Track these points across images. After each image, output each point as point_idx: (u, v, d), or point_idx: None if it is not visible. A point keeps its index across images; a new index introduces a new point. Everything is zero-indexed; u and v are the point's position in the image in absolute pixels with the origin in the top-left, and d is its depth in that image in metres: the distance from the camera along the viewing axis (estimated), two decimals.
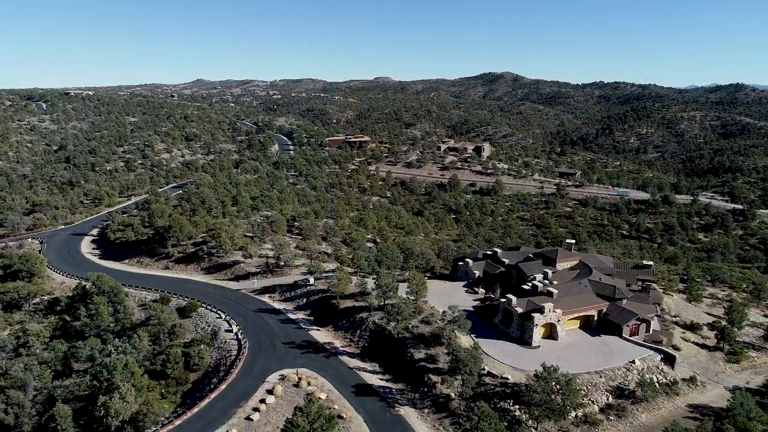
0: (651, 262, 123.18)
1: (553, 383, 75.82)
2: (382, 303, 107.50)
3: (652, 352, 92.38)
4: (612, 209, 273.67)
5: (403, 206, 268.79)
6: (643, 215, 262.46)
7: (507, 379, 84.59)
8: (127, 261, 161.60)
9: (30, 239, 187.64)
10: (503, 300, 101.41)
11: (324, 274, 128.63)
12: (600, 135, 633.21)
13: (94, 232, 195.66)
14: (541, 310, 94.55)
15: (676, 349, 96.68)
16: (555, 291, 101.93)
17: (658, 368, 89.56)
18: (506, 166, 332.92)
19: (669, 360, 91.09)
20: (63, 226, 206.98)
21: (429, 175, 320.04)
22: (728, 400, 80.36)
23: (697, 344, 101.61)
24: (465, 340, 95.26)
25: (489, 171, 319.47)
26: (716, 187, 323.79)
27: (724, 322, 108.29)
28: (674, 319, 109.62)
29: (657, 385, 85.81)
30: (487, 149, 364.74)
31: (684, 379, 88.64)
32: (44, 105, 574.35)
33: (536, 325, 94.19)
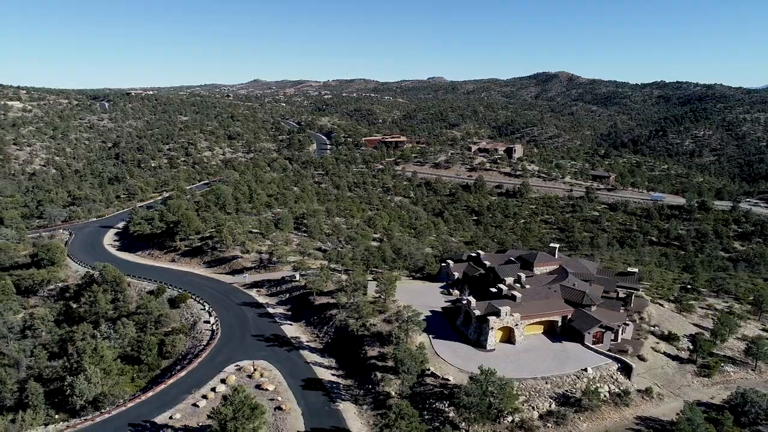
0: (636, 270, 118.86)
1: (490, 387, 75.57)
2: (351, 300, 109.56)
3: (610, 360, 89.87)
4: (643, 214, 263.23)
5: (425, 207, 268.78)
6: (676, 221, 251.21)
7: (448, 380, 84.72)
8: (139, 253, 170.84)
9: (62, 230, 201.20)
10: (464, 302, 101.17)
11: (309, 271, 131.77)
12: (653, 137, 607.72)
13: (120, 225, 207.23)
14: (497, 314, 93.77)
15: (642, 359, 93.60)
16: (518, 295, 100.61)
17: (612, 377, 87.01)
18: (536, 168, 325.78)
19: (626, 370, 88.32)
20: (95, 219, 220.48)
21: (456, 175, 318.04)
22: (677, 414, 77.27)
23: (669, 355, 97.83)
24: (421, 340, 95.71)
25: (518, 173, 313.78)
26: (764, 193, 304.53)
27: (707, 334, 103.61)
28: (652, 329, 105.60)
29: (607, 394, 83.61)
30: (518, 150, 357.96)
31: (639, 390, 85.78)
32: (107, 104, 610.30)
33: (492, 328, 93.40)
